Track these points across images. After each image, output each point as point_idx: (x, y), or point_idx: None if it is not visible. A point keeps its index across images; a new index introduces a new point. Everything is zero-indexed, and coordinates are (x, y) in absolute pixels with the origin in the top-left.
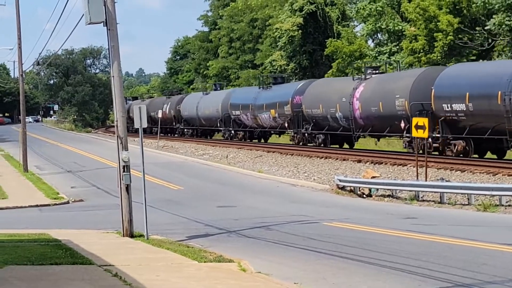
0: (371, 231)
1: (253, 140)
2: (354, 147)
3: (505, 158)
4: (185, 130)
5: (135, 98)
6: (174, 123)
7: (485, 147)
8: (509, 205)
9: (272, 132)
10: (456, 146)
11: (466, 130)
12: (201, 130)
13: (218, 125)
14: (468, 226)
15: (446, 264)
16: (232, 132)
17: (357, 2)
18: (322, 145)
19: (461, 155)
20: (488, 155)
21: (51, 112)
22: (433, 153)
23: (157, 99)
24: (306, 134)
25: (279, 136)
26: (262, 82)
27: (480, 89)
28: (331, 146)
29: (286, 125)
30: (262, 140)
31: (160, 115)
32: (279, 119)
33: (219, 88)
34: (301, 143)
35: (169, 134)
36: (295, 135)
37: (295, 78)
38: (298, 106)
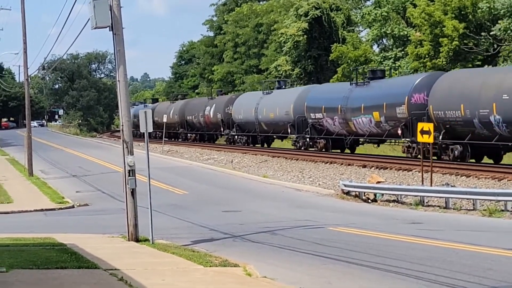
0: (376, 236)
1: (344, 151)
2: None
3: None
4: (238, 137)
5: (155, 101)
6: (222, 129)
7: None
8: None
9: (368, 140)
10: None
11: None
12: (263, 137)
13: (289, 131)
14: (473, 231)
15: (451, 269)
16: (307, 140)
17: (362, 8)
18: (458, 159)
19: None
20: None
21: (56, 117)
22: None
23: (194, 100)
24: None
25: (378, 145)
26: (355, 77)
27: None
28: (482, 162)
29: (399, 132)
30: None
31: (201, 119)
32: (385, 124)
33: (221, 93)
34: (417, 156)
35: (210, 141)
36: (411, 145)
37: (299, 83)
38: (420, 107)
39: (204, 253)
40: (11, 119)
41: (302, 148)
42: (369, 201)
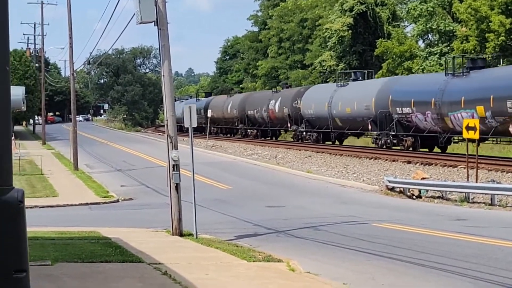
0: (420, 233)
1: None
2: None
3: None
4: (307, 133)
5: (208, 95)
6: (289, 124)
7: None
8: None
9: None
10: None
11: None
12: (336, 134)
13: (370, 127)
14: None
15: (497, 266)
16: (390, 137)
17: (408, 3)
18: None
19: None
20: None
21: (101, 111)
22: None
23: (256, 94)
24: None
25: (478, 144)
26: (452, 66)
27: None
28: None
29: (510, 129)
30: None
31: (265, 114)
32: (492, 120)
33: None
34: None
35: (272, 138)
36: None
37: (344, 79)
38: None
39: (248, 248)
40: (57, 113)
41: (384, 147)
42: (414, 197)
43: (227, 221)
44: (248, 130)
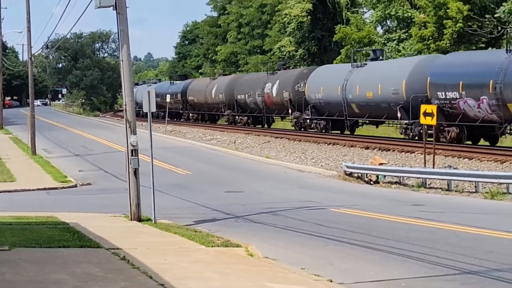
0: (378, 218)
1: None
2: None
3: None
4: (312, 121)
5: (183, 78)
6: (290, 111)
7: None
8: None
9: None
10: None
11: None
12: (352, 122)
13: (399, 115)
14: (475, 213)
15: (453, 251)
16: (425, 128)
17: None
18: None
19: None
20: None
21: (59, 96)
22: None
23: (247, 76)
24: None
25: None
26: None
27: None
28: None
29: None
30: None
31: (259, 99)
32: None
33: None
34: None
35: (270, 126)
36: None
37: (303, 64)
38: None
39: (206, 233)
40: (15, 97)
41: (416, 138)
42: (372, 182)
43: (186, 206)
44: (237, 117)
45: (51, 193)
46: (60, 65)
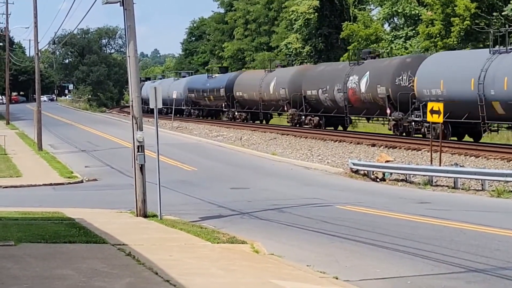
0: (384, 215)
1: None
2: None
3: None
4: (429, 126)
5: (225, 70)
6: (388, 111)
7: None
8: None
9: None
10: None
11: None
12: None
13: None
14: (482, 211)
15: (459, 249)
16: None
17: None
18: None
19: None
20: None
21: (66, 92)
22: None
23: (319, 67)
24: None
25: None
26: None
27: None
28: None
29: None
30: None
31: (339, 95)
32: None
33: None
34: None
35: (338, 127)
36: None
37: (310, 62)
38: None
39: (212, 229)
40: (21, 93)
41: None
42: (378, 180)
43: (192, 202)
44: (304, 117)
45: (57, 188)
46: (66, 61)
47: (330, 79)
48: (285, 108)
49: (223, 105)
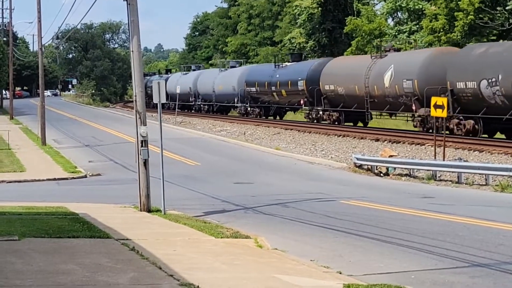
0: (388, 210)
1: None
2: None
3: None
4: None
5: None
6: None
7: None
8: None
9: None
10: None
11: None
12: None
13: None
14: (486, 206)
15: (463, 244)
16: None
17: None
18: None
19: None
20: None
21: (70, 86)
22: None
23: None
24: None
25: None
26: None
27: None
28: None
29: None
30: None
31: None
32: None
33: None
34: None
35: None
36: None
37: (313, 56)
38: None
39: (216, 224)
40: (25, 88)
41: None
42: (382, 175)
43: (195, 197)
44: (459, 120)
45: (61, 183)
46: (70, 56)
47: (499, 65)
48: (414, 107)
49: (302, 101)
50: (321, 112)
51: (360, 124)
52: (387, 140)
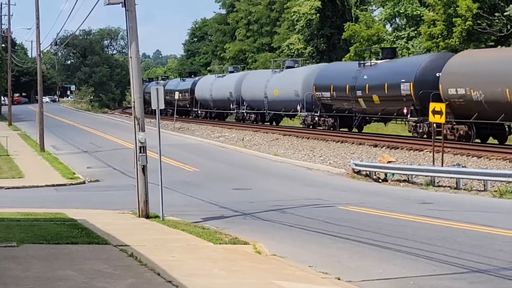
0: (386, 216)
1: None
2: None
3: None
4: None
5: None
6: None
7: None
8: None
9: None
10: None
11: None
12: None
13: None
14: (484, 212)
15: (462, 249)
16: None
17: None
18: None
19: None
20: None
21: (68, 93)
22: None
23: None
24: None
25: None
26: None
27: None
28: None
29: None
30: None
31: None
32: None
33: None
34: None
35: None
36: None
37: (312, 62)
38: None
39: (214, 230)
40: (23, 94)
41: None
42: (380, 180)
43: (194, 203)
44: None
45: (59, 189)
46: (68, 62)
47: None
48: None
49: (405, 110)
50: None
51: (493, 141)
52: (385, 146)
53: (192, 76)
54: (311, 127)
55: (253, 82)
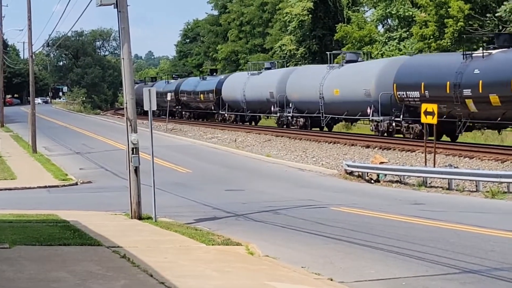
0: (378, 217)
1: None
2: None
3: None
4: None
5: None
6: None
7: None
8: None
9: None
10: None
11: None
12: None
13: None
14: (476, 212)
15: (454, 250)
16: None
17: None
18: None
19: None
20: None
21: (60, 94)
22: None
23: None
24: None
25: None
26: None
27: None
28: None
29: None
30: None
31: None
32: None
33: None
34: None
35: None
36: None
37: (304, 63)
38: None
39: (207, 231)
40: (15, 95)
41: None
42: (372, 181)
43: (187, 204)
44: None
45: (52, 191)
46: (61, 63)
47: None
48: None
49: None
50: None
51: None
52: (377, 146)
53: (214, 74)
54: (386, 134)
55: (303, 80)
